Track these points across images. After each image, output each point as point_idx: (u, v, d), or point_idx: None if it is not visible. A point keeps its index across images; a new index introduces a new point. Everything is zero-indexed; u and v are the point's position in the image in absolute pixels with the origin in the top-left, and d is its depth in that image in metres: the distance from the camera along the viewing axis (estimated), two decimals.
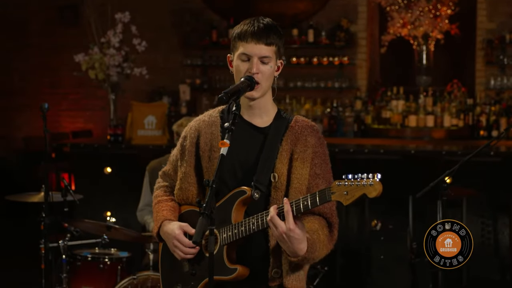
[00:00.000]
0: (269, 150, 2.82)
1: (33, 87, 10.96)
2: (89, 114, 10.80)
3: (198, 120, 3.02)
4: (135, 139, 7.75)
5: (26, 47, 10.91)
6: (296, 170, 2.79)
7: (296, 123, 2.89)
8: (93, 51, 7.63)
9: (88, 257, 5.01)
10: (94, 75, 7.67)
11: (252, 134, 2.88)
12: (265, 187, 2.78)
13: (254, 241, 2.79)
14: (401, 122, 9.33)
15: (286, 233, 2.57)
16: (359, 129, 9.47)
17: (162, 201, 3.04)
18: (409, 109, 9.40)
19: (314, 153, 2.83)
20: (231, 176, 2.84)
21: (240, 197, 2.77)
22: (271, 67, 2.82)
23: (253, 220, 2.70)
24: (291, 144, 2.83)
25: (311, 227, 2.73)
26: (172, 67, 10.33)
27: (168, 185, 3.13)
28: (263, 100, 2.87)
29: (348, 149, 7.44)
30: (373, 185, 2.41)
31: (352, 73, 10.06)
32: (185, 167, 2.95)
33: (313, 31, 9.96)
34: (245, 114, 2.89)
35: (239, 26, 2.84)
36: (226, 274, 2.76)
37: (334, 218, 2.83)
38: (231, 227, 2.76)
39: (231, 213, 2.77)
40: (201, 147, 2.93)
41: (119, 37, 7.60)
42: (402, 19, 9.88)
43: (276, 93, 2.96)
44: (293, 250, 2.62)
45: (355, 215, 7.18)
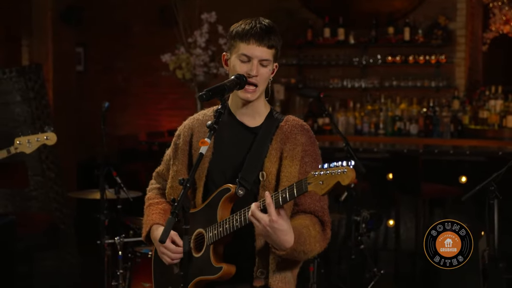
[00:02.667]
0: (258, 149, 2.80)
1: (135, 87, 11.29)
2: (187, 113, 10.95)
3: (192, 118, 3.03)
4: None
5: (128, 48, 11.25)
6: (285, 168, 2.76)
7: (286, 123, 2.86)
8: (180, 51, 7.77)
9: (148, 254, 5.10)
10: (181, 75, 7.82)
11: (243, 134, 2.87)
12: (251, 185, 2.75)
13: (241, 240, 2.77)
14: (499, 123, 8.98)
15: (270, 225, 2.53)
16: (456, 130, 9.19)
17: (152, 204, 3.07)
18: (507, 109, 9.03)
19: (304, 151, 2.80)
20: (220, 176, 2.83)
21: (225, 194, 2.75)
22: (269, 70, 2.80)
23: (236, 217, 2.68)
24: (280, 143, 2.81)
25: (302, 222, 2.70)
26: None
27: (160, 187, 3.16)
28: (256, 101, 2.85)
29: (433, 150, 7.24)
30: (346, 172, 2.35)
31: (450, 72, 9.77)
32: (177, 165, 2.95)
33: (409, 29, 9.74)
34: (238, 113, 2.89)
35: (239, 25, 2.81)
36: (211, 273, 2.75)
37: (326, 216, 2.79)
38: (216, 225, 2.74)
39: (217, 211, 2.76)
40: (194, 146, 2.93)
41: (205, 37, 7.70)
42: (505, 16, 9.53)
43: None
44: (279, 242, 2.57)
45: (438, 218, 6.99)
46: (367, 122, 9.73)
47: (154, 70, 10.93)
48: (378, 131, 9.59)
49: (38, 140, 4.33)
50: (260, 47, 2.75)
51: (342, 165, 2.37)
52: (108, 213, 4.82)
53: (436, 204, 7.04)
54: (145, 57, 11.10)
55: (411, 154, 7.08)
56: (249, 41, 2.75)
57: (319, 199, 2.77)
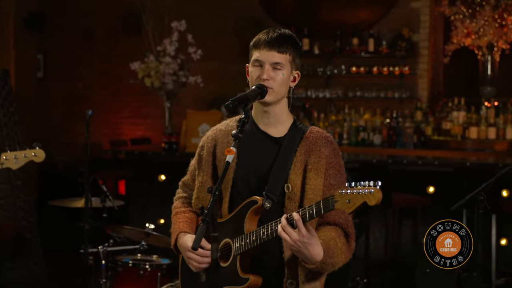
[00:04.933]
0: (283, 160, 2.83)
1: (96, 95, 11.17)
2: (150, 122, 10.93)
3: (215, 129, 3.05)
4: (189, 147, 7.81)
5: (91, 55, 11.13)
6: (310, 180, 2.80)
7: (310, 134, 2.89)
8: (149, 59, 7.71)
9: (129, 263, 5.06)
10: (150, 83, 7.75)
11: (267, 144, 2.89)
12: (277, 197, 2.79)
13: (269, 251, 2.81)
14: (462, 134, 9.12)
15: (300, 240, 2.59)
16: (419, 140, 9.29)
17: (179, 213, 3.09)
18: (470, 120, 9.18)
19: (328, 163, 2.84)
20: (245, 186, 2.86)
21: (252, 206, 2.79)
22: (284, 75, 2.82)
23: (263, 230, 2.72)
24: (305, 155, 2.84)
25: (328, 235, 2.75)
26: (232, 76, 10.35)
27: (186, 196, 3.17)
28: (278, 108, 2.88)
29: (401, 160, 7.31)
30: (373, 193, 2.42)
31: (413, 83, 9.90)
32: (202, 177, 2.98)
33: (373, 40, 9.86)
34: (261, 123, 2.91)
35: (256, 36, 2.88)
36: (238, 283, 2.79)
37: (351, 228, 2.84)
38: (243, 237, 2.78)
39: (244, 223, 2.80)
40: (218, 156, 2.95)
41: (175, 45, 7.66)
42: (466, 29, 9.68)
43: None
44: (309, 257, 2.64)
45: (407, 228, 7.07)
46: (331, 132, 9.77)
47: (118, 77, 10.85)
48: (342, 141, 9.65)
49: (25, 156, 4.23)
50: (270, 52, 2.80)
51: (369, 185, 2.43)
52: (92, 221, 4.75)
53: (405, 214, 7.11)
54: (108, 65, 11.01)
55: (380, 164, 7.14)
56: (260, 47, 2.82)
57: (343, 212, 2.79)
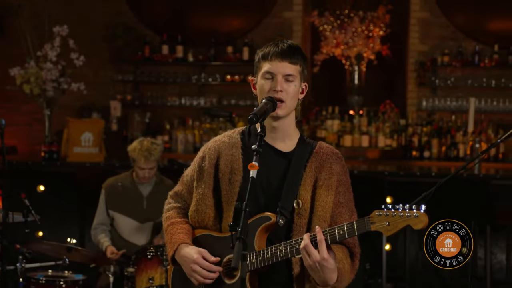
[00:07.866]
0: (293, 176, 2.78)
1: None
2: (13, 129, 10.38)
3: (218, 140, 2.97)
4: (71, 156, 7.53)
5: None
6: (321, 197, 2.76)
7: (320, 149, 2.86)
8: (29, 65, 7.35)
9: (42, 280, 4.80)
10: (29, 90, 7.39)
11: (275, 159, 2.84)
12: (289, 213, 2.73)
13: (276, 268, 2.74)
14: (336, 142, 9.37)
15: (320, 262, 2.56)
16: None
17: (176, 223, 2.95)
18: (344, 128, 9.46)
19: (338, 181, 2.82)
20: (253, 201, 2.75)
21: (264, 223, 2.72)
22: (296, 86, 2.80)
23: (280, 248, 2.66)
24: (315, 171, 2.80)
25: (338, 256, 2.71)
26: (102, 82, 10.05)
27: (181, 206, 3.03)
28: (286, 122, 2.83)
29: None
30: (419, 216, 2.43)
31: None
32: (202, 189, 2.88)
33: (248, 48, 9.90)
34: (268, 137, 2.85)
35: (263, 48, 2.84)
36: None
37: (357, 248, 2.82)
38: (255, 254, 2.70)
39: (254, 239, 2.71)
40: (221, 169, 2.87)
41: (57, 51, 7.35)
42: (336, 39, 9.96)
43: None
44: (324, 280, 2.61)
45: None
46: (206, 140, 9.72)
47: None
48: None
49: None
50: (282, 63, 2.77)
51: (412, 209, 2.44)
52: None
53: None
54: None
55: None
56: (272, 59, 2.78)
57: None
